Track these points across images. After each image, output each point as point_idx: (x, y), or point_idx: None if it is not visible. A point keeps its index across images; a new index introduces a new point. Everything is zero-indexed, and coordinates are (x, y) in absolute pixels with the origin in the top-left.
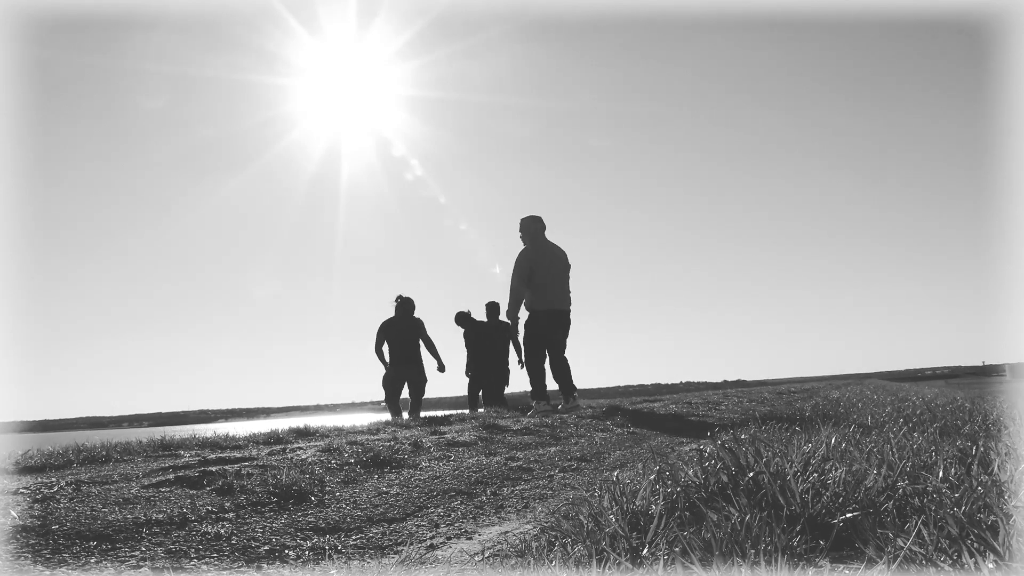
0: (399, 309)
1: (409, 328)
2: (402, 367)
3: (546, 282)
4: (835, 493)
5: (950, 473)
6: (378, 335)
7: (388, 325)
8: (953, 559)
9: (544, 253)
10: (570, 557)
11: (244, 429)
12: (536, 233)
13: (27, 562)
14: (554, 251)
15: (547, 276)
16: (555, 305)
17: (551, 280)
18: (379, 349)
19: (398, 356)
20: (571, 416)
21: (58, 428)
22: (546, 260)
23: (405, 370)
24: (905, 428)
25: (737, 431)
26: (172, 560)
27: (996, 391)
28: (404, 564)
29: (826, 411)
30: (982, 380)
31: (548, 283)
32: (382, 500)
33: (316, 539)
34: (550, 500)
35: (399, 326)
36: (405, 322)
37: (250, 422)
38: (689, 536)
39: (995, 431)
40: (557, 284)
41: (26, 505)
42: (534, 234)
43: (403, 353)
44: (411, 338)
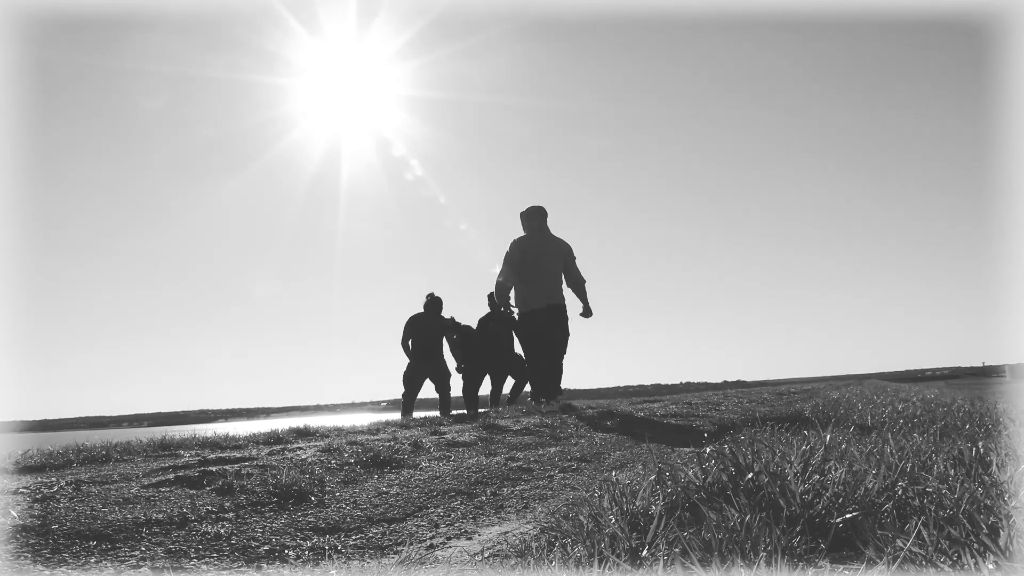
0: (428, 307)
1: (434, 325)
2: (423, 362)
3: (528, 279)
4: (835, 494)
5: (950, 474)
6: (404, 330)
7: (415, 320)
8: (953, 560)
9: (529, 247)
10: (570, 557)
11: (244, 429)
12: (526, 228)
13: (27, 562)
14: (544, 244)
15: (530, 272)
16: (530, 304)
17: (531, 277)
18: (405, 343)
19: (420, 351)
20: (571, 416)
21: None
22: (529, 256)
23: (426, 365)
24: (905, 429)
25: (737, 432)
26: (172, 560)
27: (996, 392)
28: (404, 564)
29: (826, 412)
30: (982, 381)
31: (529, 280)
32: (382, 500)
33: (316, 539)
34: (550, 500)
35: (425, 322)
36: (431, 319)
37: (250, 422)
38: (689, 537)
39: (995, 432)
40: (536, 281)
41: (26, 505)
42: (525, 228)
43: (425, 349)
44: (435, 335)
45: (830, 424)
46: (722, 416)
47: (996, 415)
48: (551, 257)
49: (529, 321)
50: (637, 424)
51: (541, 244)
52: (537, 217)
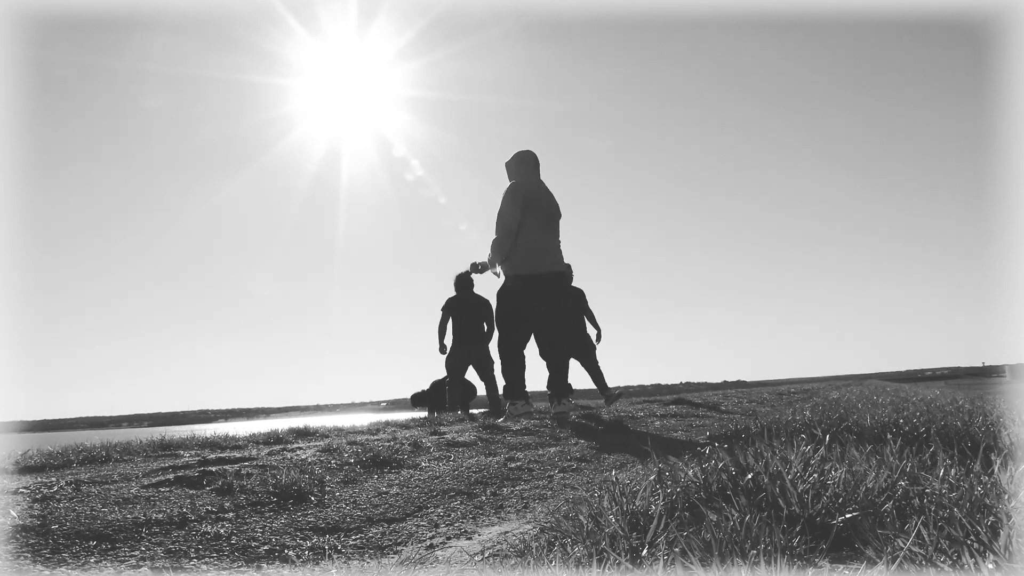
0: (461, 287)
1: (477, 306)
2: (468, 346)
3: (537, 231)
4: (835, 494)
5: (950, 474)
6: (443, 311)
7: (454, 302)
8: (953, 559)
9: (538, 192)
10: (570, 557)
11: (244, 429)
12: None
13: (27, 562)
14: (549, 196)
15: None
16: (536, 266)
17: (539, 233)
18: (443, 326)
19: (463, 335)
20: (571, 417)
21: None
22: (539, 203)
23: (472, 350)
24: (905, 429)
25: (737, 432)
26: (172, 560)
27: (996, 392)
28: (404, 564)
29: (826, 412)
30: (982, 381)
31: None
32: (382, 500)
33: (316, 539)
34: (550, 500)
35: (466, 303)
36: (471, 299)
37: (250, 422)
38: (689, 536)
39: (995, 432)
40: (549, 239)
41: (26, 505)
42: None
43: (470, 331)
44: (478, 316)
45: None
46: (722, 416)
47: (996, 415)
48: (556, 213)
49: (531, 289)
50: (637, 424)
51: (548, 194)
52: (534, 164)
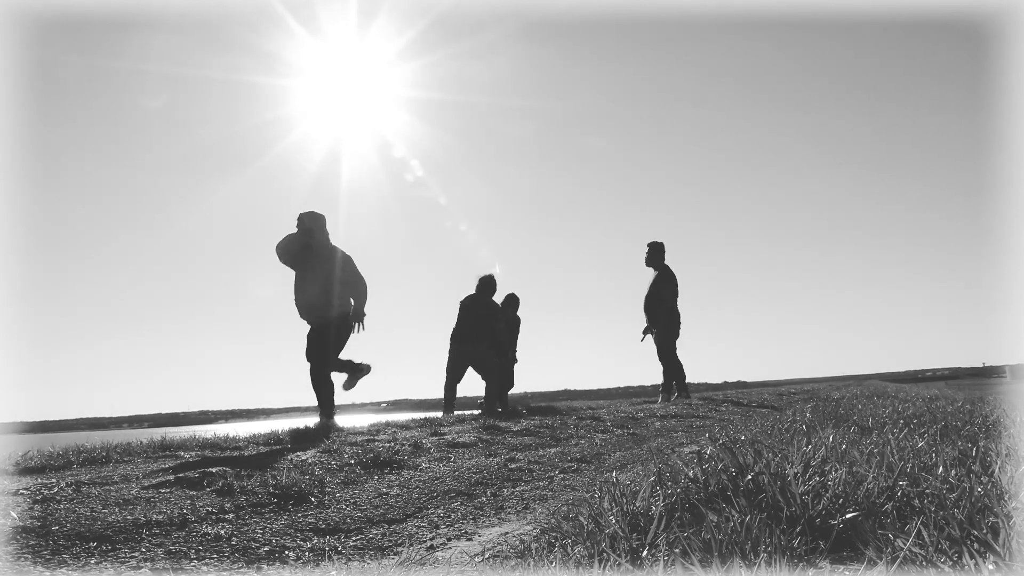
0: (481, 288)
1: (484, 306)
2: (464, 345)
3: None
4: (835, 494)
5: (950, 474)
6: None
7: (466, 303)
8: (953, 560)
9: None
10: (570, 558)
11: (244, 430)
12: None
13: (27, 563)
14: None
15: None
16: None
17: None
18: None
19: (462, 334)
20: (571, 417)
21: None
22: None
23: (469, 349)
24: (906, 430)
25: (737, 432)
26: (172, 561)
27: (996, 392)
28: (404, 565)
29: (826, 412)
30: (982, 381)
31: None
32: (382, 501)
33: (316, 540)
34: (550, 501)
35: (477, 302)
36: (482, 300)
37: (250, 423)
38: (689, 537)
39: (995, 432)
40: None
41: (26, 506)
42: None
43: (469, 331)
44: (481, 319)
45: (830, 424)
46: (722, 416)
47: (996, 416)
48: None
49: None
50: (637, 424)
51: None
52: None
